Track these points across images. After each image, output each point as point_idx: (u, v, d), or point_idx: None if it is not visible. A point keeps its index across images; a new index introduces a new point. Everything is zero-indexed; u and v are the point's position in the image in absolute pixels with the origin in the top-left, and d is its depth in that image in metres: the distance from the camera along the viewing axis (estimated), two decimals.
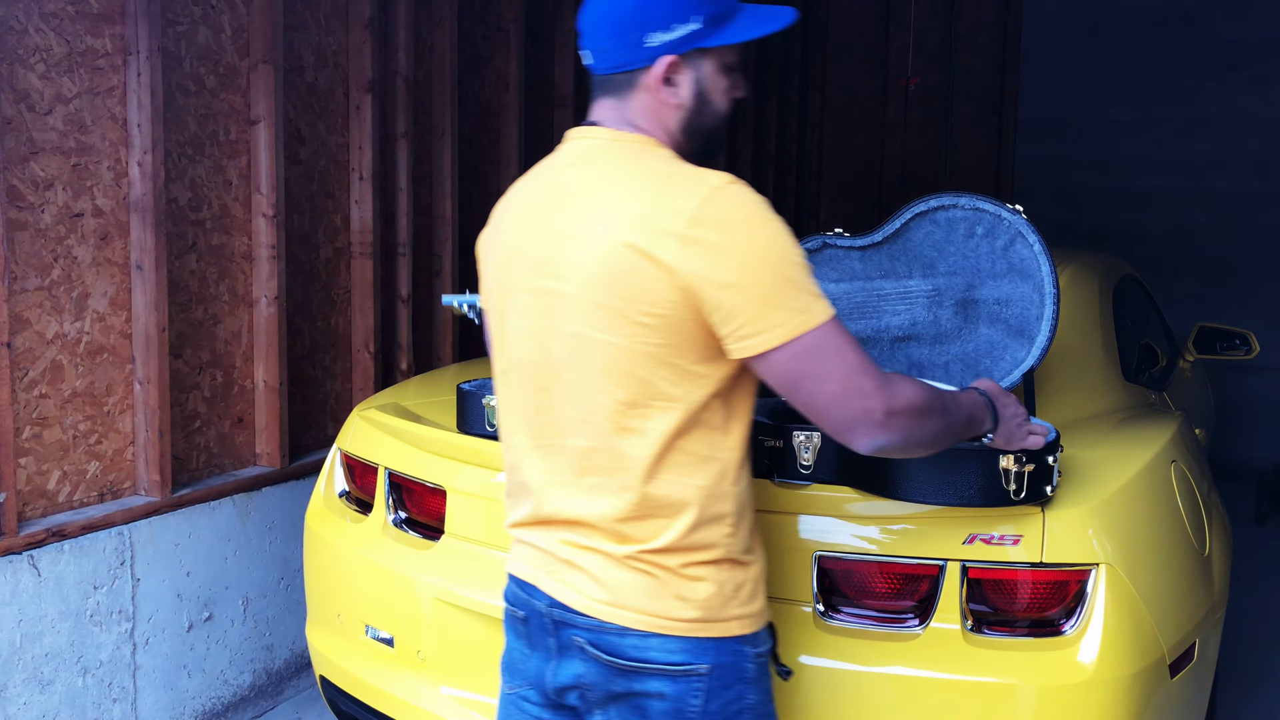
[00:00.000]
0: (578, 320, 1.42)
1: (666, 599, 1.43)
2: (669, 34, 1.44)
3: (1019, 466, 1.71)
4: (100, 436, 2.86)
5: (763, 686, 1.50)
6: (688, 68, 1.48)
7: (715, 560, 1.45)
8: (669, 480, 1.42)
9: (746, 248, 1.34)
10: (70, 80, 2.71)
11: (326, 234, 3.60)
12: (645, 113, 1.49)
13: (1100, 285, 2.95)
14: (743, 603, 1.47)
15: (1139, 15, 6.65)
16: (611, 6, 1.46)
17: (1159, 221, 6.70)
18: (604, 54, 1.48)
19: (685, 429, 1.41)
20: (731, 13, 1.49)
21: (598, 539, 1.46)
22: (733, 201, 1.36)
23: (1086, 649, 1.77)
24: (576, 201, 1.45)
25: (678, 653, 1.44)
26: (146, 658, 2.92)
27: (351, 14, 3.60)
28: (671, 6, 1.44)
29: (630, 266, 1.36)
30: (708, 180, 1.37)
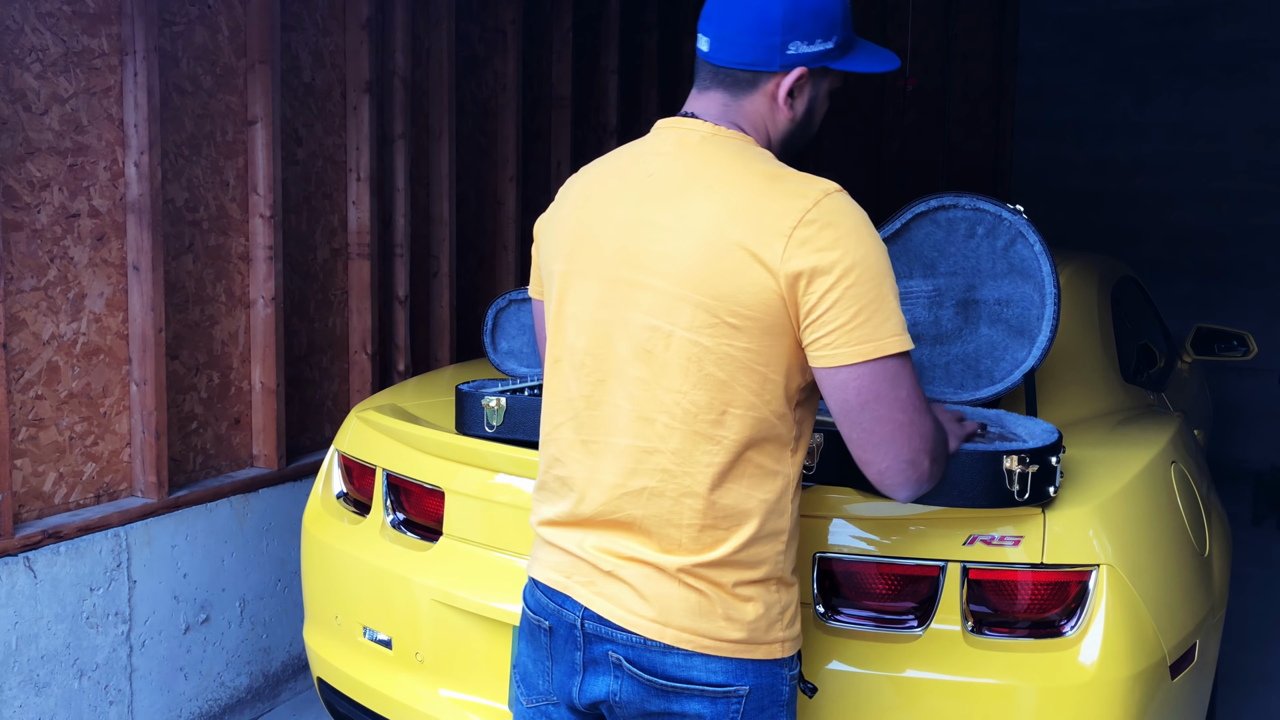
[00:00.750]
0: (660, 315, 1.38)
1: (715, 619, 1.39)
2: (810, 47, 1.44)
3: (1023, 467, 1.70)
4: (97, 438, 2.85)
5: (793, 709, 1.48)
6: (810, 83, 1.48)
7: (764, 579, 1.42)
8: (734, 490, 1.39)
9: (853, 257, 1.31)
10: (66, 80, 2.70)
11: (324, 235, 3.59)
12: (755, 114, 1.47)
13: (1099, 286, 2.95)
14: (786, 625, 1.44)
15: (1135, 17, 6.66)
16: (760, 4, 1.42)
17: (1155, 223, 6.71)
18: (735, 48, 1.43)
19: (758, 440, 1.38)
20: (854, 43, 1.50)
21: (645, 548, 1.41)
22: (843, 208, 1.34)
23: (1087, 650, 1.76)
24: (670, 192, 1.41)
25: (720, 673, 1.40)
26: (143, 660, 2.91)
27: (349, 14, 3.59)
28: (819, 22, 1.44)
29: (730, 264, 1.33)
30: (818, 185, 1.36)
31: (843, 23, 1.46)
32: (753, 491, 1.39)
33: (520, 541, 2.05)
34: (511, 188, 4.43)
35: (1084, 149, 6.86)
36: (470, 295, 4.38)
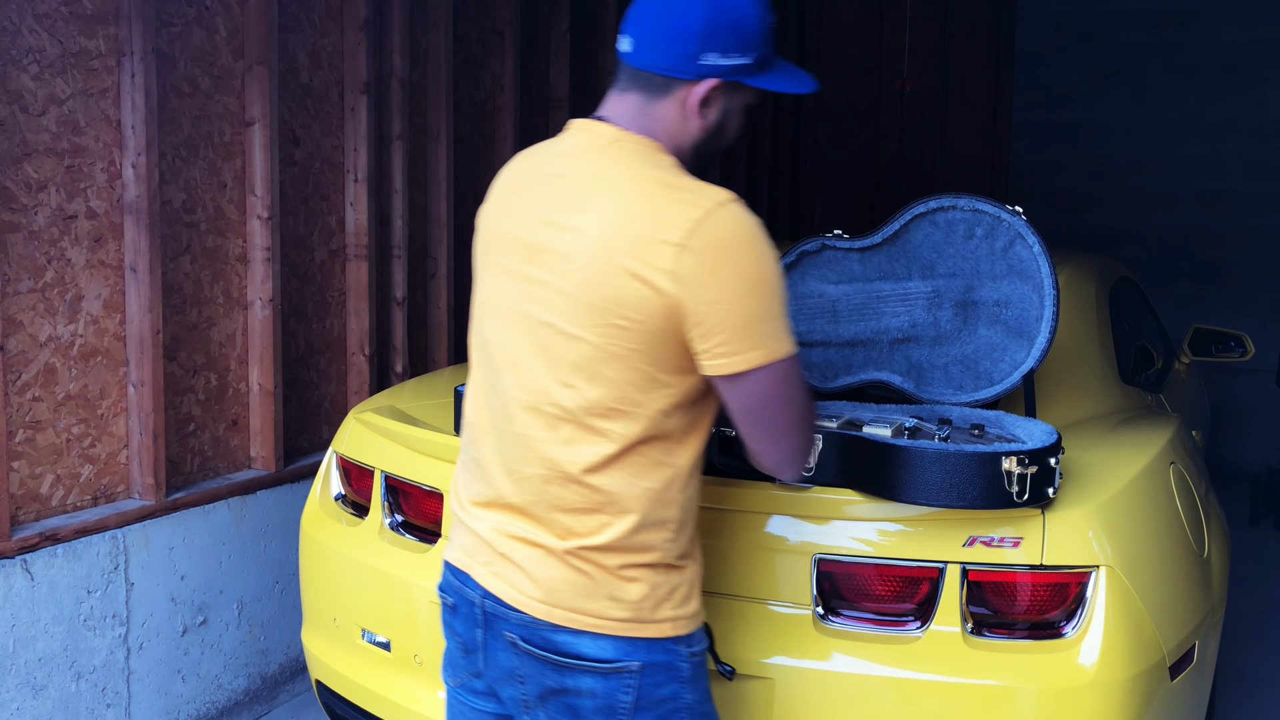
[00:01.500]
0: (556, 313, 1.43)
1: (600, 599, 1.45)
2: (724, 60, 1.47)
3: (1022, 468, 1.70)
4: (94, 440, 2.84)
5: (699, 686, 1.53)
6: (723, 95, 1.51)
7: (652, 563, 1.47)
8: (620, 479, 1.44)
9: (740, 268, 1.36)
10: (64, 81, 2.69)
11: (321, 236, 3.58)
12: (667, 120, 1.50)
13: (1097, 287, 2.95)
14: (676, 605, 1.49)
15: (1132, 18, 6.67)
16: (681, 11, 1.46)
17: (1153, 223, 6.71)
18: (653, 52, 1.47)
19: (646, 435, 1.43)
20: (773, 62, 1.55)
21: (538, 530, 1.48)
22: (732, 220, 1.38)
23: (1087, 651, 1.76)
24: (572, 194, 1.45)
25: (609, 650, 1.46)
26: (140, 662, 2.90)
27: (346, 15, 3.59)
28: (737, 37, 1.47)
29: (619, 269, 1.38)
30: (709, 195, 1.39)
31: (761, 41, 1.50)
32: (638, 481, 1.45)
33: None
34: None
35: (1081, 150, 6.86)
36: (468, 296, 4.36)
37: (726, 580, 1.92)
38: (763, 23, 1.50)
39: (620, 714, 1.47)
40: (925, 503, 1.75)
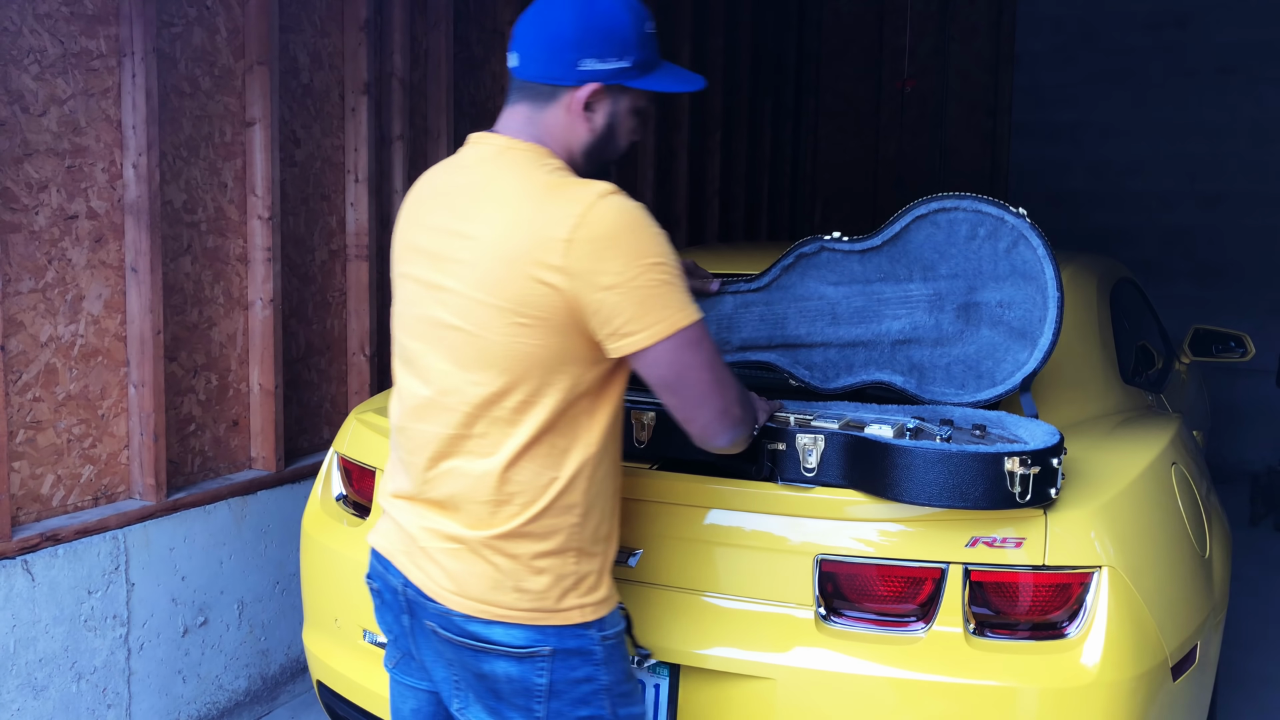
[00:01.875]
0: (460, 316, 1.52)
1: (507, 591, 1.54)
2: (602, 64, 1.56)
3: (1024, 469, 1.70)
4: (94, 440, 2.84)
5: (616, 667, 1.60)
6: (608, 99, 1.60)
7: (559, 550, 1.55)
8: (528, 469, 1.52)
9: (627, 251, 1.44)
10: (65, 81, 2.69)
11: (322, 236, 3.58)
12: (555, 127, 1.58)
13: (1099, 287, 2.95)
14: (584, 593, 1.57)
15: (1132, 18, 6.67)
16: (556, 22, 1.56)
17: (1153, 224, 6.71)
18: (536, 64, 1.57)
19: (552, 424, 1.52)
20: (656, 64, 1.63)
21: (453, 524, 1.56)
22: (614, 208, 1.46)
23: (1089, 652, 1.76)
24: (468, 204, 1.55)
25: (520, 637, 1.54)
26: (141, 663, 2.90)
27: (347, 16, 3.58)
28: (611, 41, 1.56)
29: (515, 271, 1.46)
30: (591, 189, 1.48)
31: (638, 44, 1.58)
32: (544, 470, 1.53)
33: None
34: None
35: (1081, 150, 6.86)
36: None
37: (728, 581, 1.92)
38: (638, 28, 1.59)
39: (537, 695, 1.55)
40: (927, 503, 1.75)
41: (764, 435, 1.87)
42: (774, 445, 1.87)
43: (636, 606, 1.92)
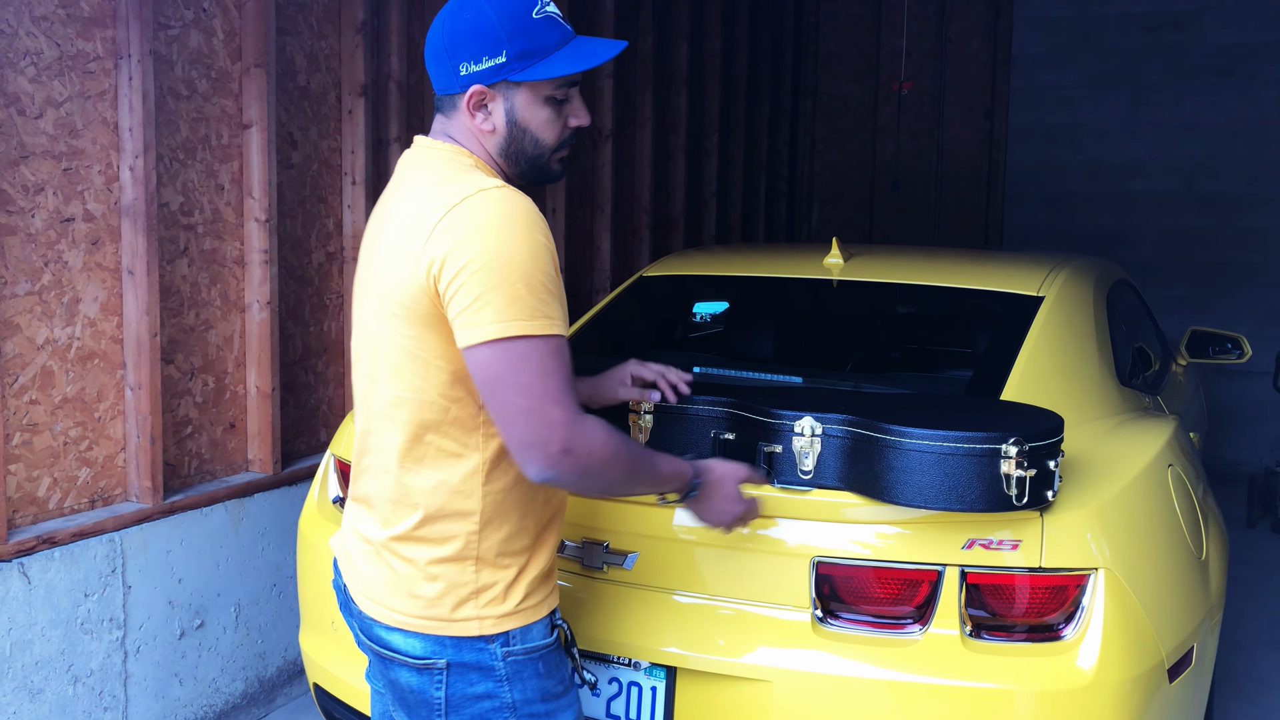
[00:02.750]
0: (370, 317, 1.57)
1: (400, 595, 1.53)
2: (478, 65, 1.53)
3: (1021, 471, 1.70)
4: (91, 443, 2.83)
5: (527, 685, 1.53)
6: (499, 97, 1.56)
7: (456, 558, 1.51)
8: (420, 470, 1.52)
9: (491, 244, 1.40)
10: (61, 84, 2.69)
11: (319, 239, 3.58)
12: (463, 133, 1.58)
13: (1095, 289, 2.96)
14: (484, 605, 1.52)
15: (1128, 21, 6.68)
16: (436, 34, 1.57)
17: (1149, 226, 6.72)
18: (433, 76, 1.60)
19: (433, 422, 1.50)
20: (553, 48, 1.54)
21: (370, 523, 1.59)
22: (492, 201, 1.44)
23: (1086, 654, 1.76)
24: (390, 205, 1.59)
25: (417, 646, 1.53)
26: (137, 666, 2.90)
27: (344, 18, 3.58)
28: (478, 41, 1.52)
29: (396, 261, 1.48)
30: (476, 183, 1.47)
31: (516, 35, 1.52)
32: (435, 472, 1.51)
33: None
34: None
35: (1078, 152, 6.87)
36: None
37: (725, 583, 1.92)
38: (514, 20, 1.51)
39: (435, 709, 1.53)
40: (924, 506, 1.75)
41: (760, 437, 1.87)
42: (770, 448, 1.87)
43: (633, 609, 1.92)
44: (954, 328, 3.11)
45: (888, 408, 1.89)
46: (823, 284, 2.97)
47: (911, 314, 3.08)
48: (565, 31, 1.56)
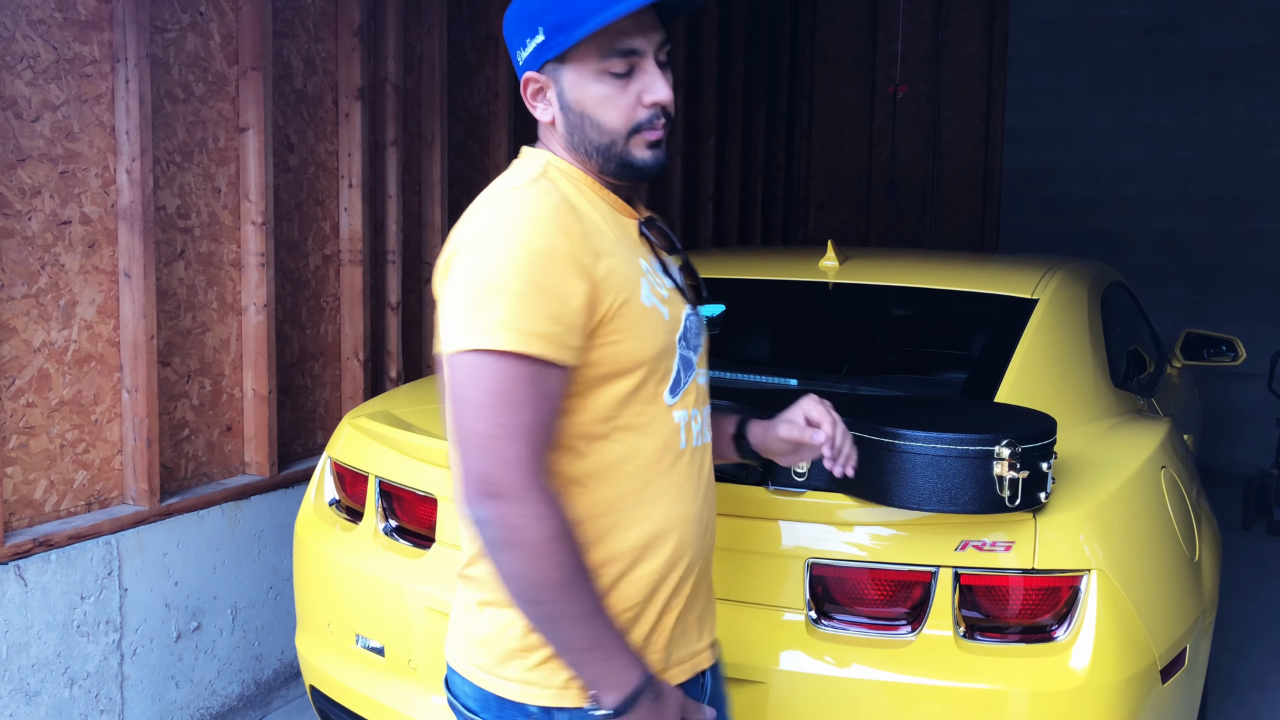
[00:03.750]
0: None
1: (459, 632, 1.38)
2: (524, 51, 1.36)
3: (1013, 473, 1.71)
4: (88, 445, 2.84)
5: None
6: (550, 83, 1.36)
7: (504, 603, 1.29)
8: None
9: (480, 248, 1.24)
10: (58, 87, 2.69)
11: (316, 241, 3.59)
12: (541, 130, 1.43)
13: (1090, 292, 2.97)
14: (530, 668, 1.29)
15: (1124, 24, 6.69)
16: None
17: (1145, 228, 6.73)
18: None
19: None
20: (583, 16, 1.29)
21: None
22: (498, 202, 1.29)
23: (1079, 655, 1.77)
24: None
25: (469, 698, 1.34)
26: (134, 668, 2.90)
27: (341, 21, 3.59)
28: (521, 24, 1.35)
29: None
30: (498, 185, 1.35)
31: (544, 9, 1.31)
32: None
33: None
34: None
35: (1074, 154, 6.88)
36: None
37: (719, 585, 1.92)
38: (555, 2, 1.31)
39: None
40: (917, 507, 1.76)
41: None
42: None
43: None
44: (949, 330, 3.12)
45: (881, 410, 1.90)
46: (818, 287, 2.98)
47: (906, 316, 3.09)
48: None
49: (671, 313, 1.37)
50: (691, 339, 1.41)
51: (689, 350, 1.40)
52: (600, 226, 1.34)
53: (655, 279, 1.37)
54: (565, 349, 1.24)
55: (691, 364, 1.41)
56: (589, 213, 1.34)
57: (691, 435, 1.39)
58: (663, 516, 1.34)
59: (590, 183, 1.39)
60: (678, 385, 1.37)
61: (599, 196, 1.39)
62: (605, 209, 1.39)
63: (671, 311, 1.37)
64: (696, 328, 1.43)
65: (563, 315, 1.23)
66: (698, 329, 1.44)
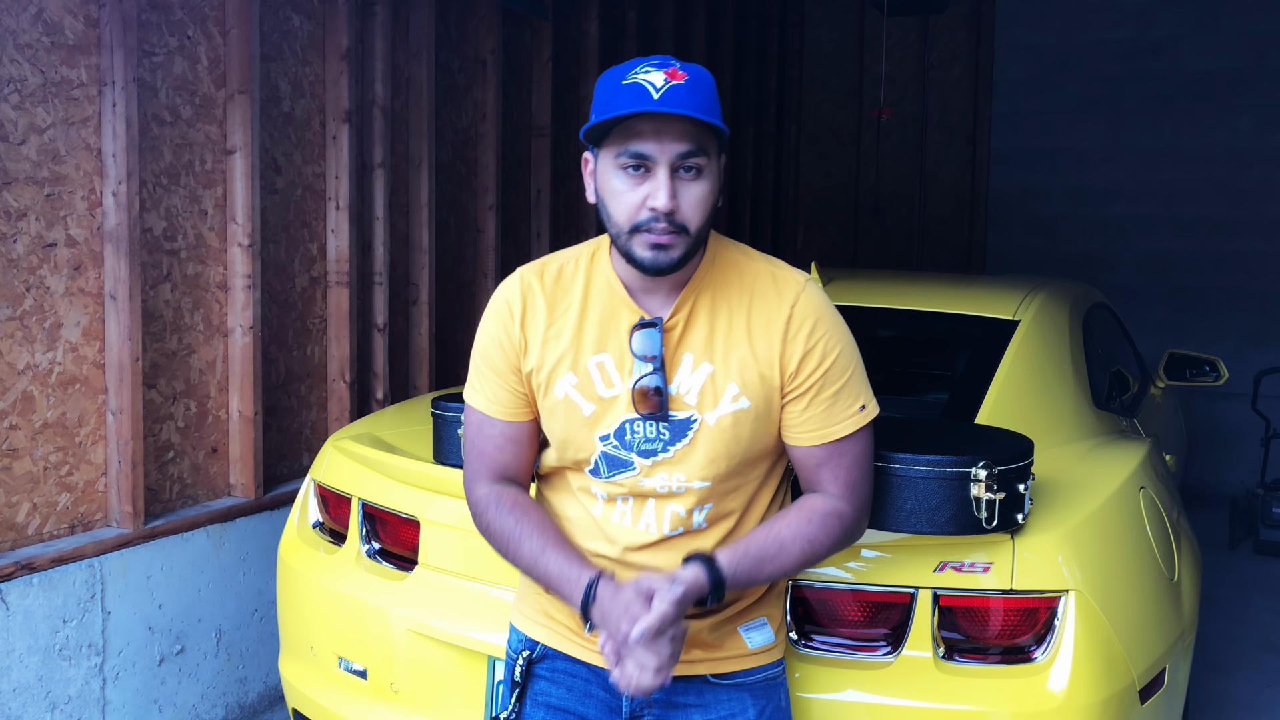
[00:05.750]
0: None
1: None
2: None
3: (991, 494, 1.72)
4: (72, 468, 2.83)
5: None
6: (593, 162, 1.50)
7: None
8: None
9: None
10: (45, 110, 2.71)
11: (303, 263, 3.60)
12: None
13: (1071, 313, 2.99)
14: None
15: (1108, 47, 6.77)
16: None
17: (1130, 249, 6.79)
18: None
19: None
20: (597, 108, 1.44)
21: None
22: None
23: (1057, 676, 1.78)
24: None
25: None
26: (116, 692, 2.88)
27: (329, 45, 3.62)
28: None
29: None
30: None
31: (594, 99, 1.46)
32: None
33: (495, 571, 2.05)
34: (492, 216, 4.45)
35: (1060, 176, 6.94)
36: (450, 322, 4.39)
37: None
38: (600, 85, 1.45)
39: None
40: (895, 529, 1.77)
41: None
42: None
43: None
44: (931, 351, 3.14)
45: None
46: None
47: (889, 337, 3.11)
48: (639, 93, 1.39)
49: (598, 411, 1.50)
50: (631, 441, 1.49)
51: (622, 450, 1.49)
52: (566, 315, 1.53)
53: (605, 374, 1.50)
54: (497, 406, 1.59)
55: (624, 464, 1.50)
56: (564, 299, 1.53)
57: (609, 527, 1.54)
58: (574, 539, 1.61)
59: (612, 268, 1.53)
60: (597, 474, 1.53)
61: (613, 281, 1.52)
62: (606, 297, 1.52)
63: (599, 410, 1.50)
64: (647, 434, 1.49)
65: (492, 384, 1.59)
66: (651, 436, 1.49)
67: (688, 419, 1.49)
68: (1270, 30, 6.36)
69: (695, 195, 1.43)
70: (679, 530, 1.52)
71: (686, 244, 1.44)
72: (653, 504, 1.52)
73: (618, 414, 1.50)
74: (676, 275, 1.49)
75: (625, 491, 1.52)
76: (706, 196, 1.44)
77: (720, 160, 1.49)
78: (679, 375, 1.49)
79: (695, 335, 1.50)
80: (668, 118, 1.39)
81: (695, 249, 1.46)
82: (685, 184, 1.43)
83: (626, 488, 1.52)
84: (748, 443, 1.50)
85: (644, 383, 1.48)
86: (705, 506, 1.52)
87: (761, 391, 1.49)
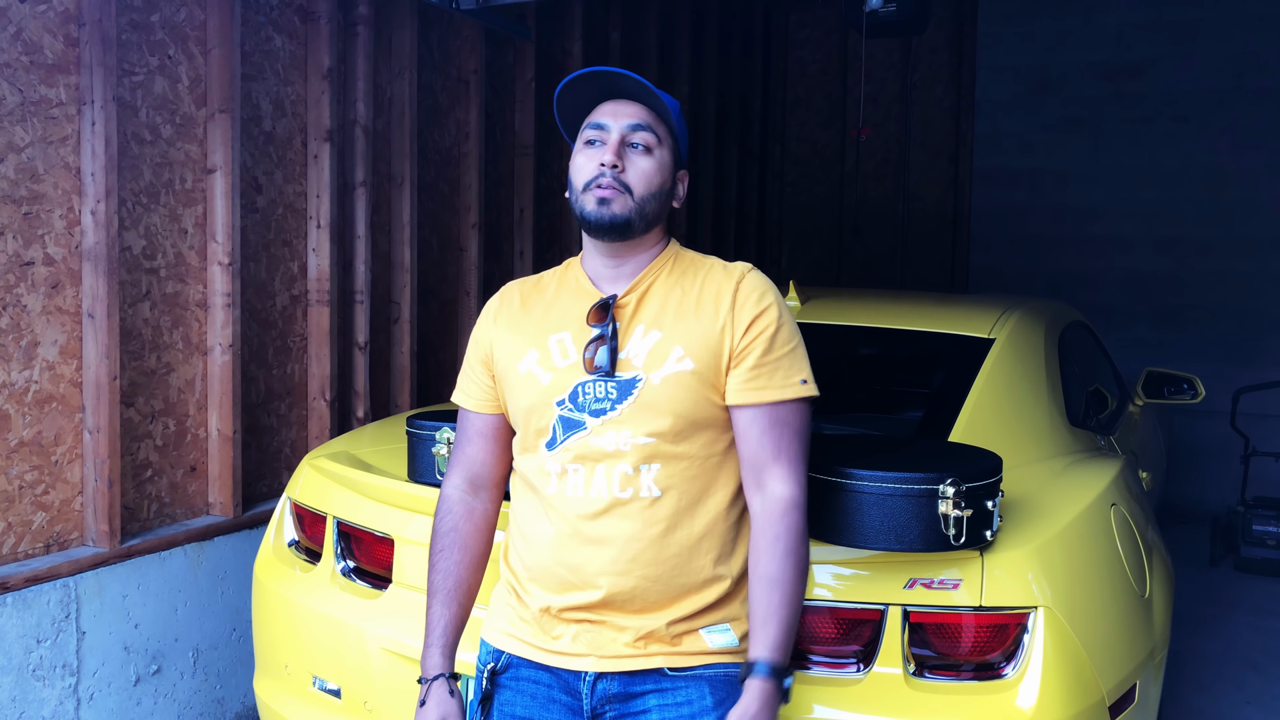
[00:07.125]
0: None
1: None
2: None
3: (958, 511, 1.73)
4: (48, 487, 2.83)
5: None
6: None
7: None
8: None
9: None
10: (23, 129, 2.71)
11: (283, 282, 3.60)
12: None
13: (1047, 331, 3.01)
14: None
15: (1089, 68, 6.83)
16: None
17: (1112, 268, 6.83)
18: None
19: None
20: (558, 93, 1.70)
21: None
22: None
23: (1026, 692, 1.79)
24: None
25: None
26: (91, 713, 2.86)
27: (310, 65, 3.63)
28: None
29: None
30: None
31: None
32: None
33: None
34: (474, 234, 4.46)
35: (1041, 195, 6.99)
36: (432, 341, 4.39)
37: None
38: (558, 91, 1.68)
39: None
40: (864, 546, 1.77)
41: None
42: None
43: None
44: (908, 369, 3.16)
45: (830, 448, 1.92)
46: None
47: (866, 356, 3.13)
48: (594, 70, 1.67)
49: (555, 380, 1.61)
50: (583, 403, 1.59)
51: (575, 411, 1.59)
52: (536, 308, 1.70)
53: (564, 348, 1.63)
54: (470, 399, 1.75)
55: (577, 424, 1.59)
56: (540, 293, 1.72)
57: (562, 502, 1.59)
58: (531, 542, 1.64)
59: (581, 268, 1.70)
60: (553, 444, 1.60)
61: (580, 276, 1.68)
62: (573, 288, 1.68)
63: (555, 379, 1.61)
64: (596, 394, 1.59)
65: (468, 379, 1.76)
66: (601, 395, 1.59)
67: (633, 378, 1.58)
68: (1249, 52, 6.44)
69: (641, 166, 1.61)
70: (628, 492, 1.56)
71: (629, 205, 1.58)
72: (602, 469, 1.57)
73: (571, 378, 1.61)
74: (635, 261, 1.64)
75: (575, 457, 1.58)
76: (653, 173, 1.61)
77: (672, 154, 1.65)
78: (630, 343, 1.61)
79: (648, 309, 1.63)
80: (623, 103, 1.63)
81: (640, 218, 1.60)
82: (633, 156, 1.61)
83: (576, 451, 1.58)
84: (690, 403, 1.57)
85: (593, 343, 1.60)
86: (653, 467, 1.56)
87: (706, 357, 1.58)
